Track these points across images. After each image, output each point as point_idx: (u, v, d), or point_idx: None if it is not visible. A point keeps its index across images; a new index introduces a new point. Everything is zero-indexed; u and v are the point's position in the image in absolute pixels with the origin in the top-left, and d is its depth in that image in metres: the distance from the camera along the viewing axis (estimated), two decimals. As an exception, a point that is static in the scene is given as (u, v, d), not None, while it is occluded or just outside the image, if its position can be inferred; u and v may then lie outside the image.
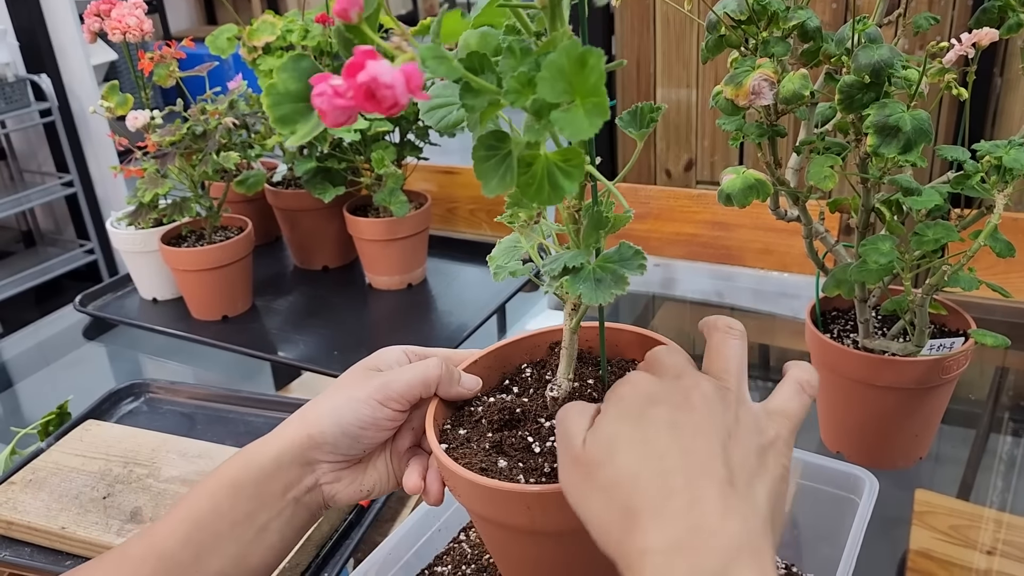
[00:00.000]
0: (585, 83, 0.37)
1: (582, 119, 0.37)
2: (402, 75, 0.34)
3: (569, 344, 0.55)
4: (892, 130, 0.63)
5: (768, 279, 1.35)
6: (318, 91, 0.35)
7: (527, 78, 0.39)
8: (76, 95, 2.93)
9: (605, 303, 0.46)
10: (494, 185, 0.40)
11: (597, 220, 0.49)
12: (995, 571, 0.78)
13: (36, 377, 1.30)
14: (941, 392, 0.83)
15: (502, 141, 0.41)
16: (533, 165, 0.41)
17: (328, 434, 0.54)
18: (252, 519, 0.53)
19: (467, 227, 1.61)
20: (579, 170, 0.41)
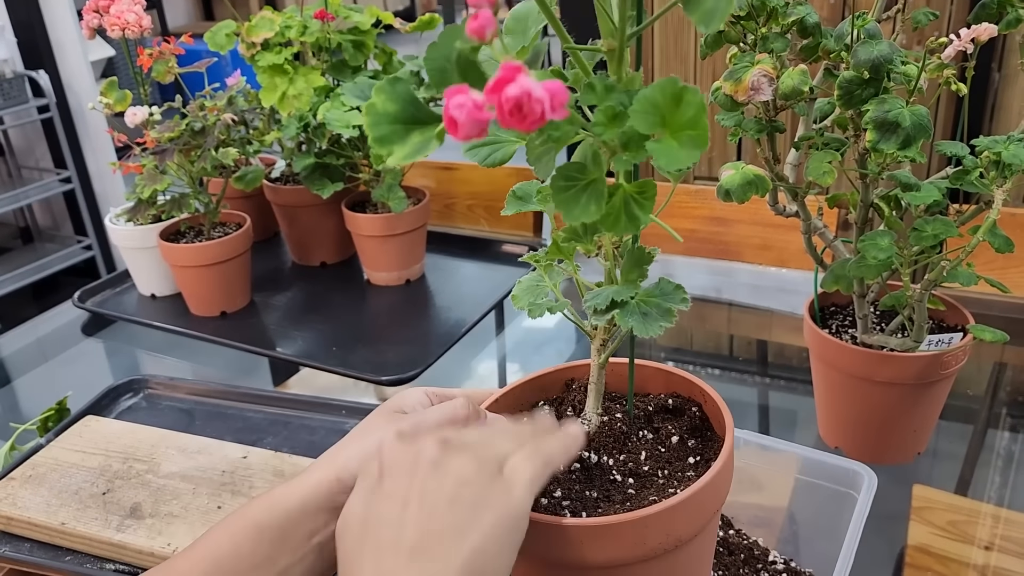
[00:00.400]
0: (681, 117, 0.39)
1: (678, 150, 0.39)
2: (550, 91, 0.34)
3: (597, 380, 0.57)
4: (891, 126, 0.63)
5: (766, 275, 1.35)
6: (456, 102, 0.35)
7: (615, 112, 0.41)
8: (74, 91, 2.93)
9: (655, 335, 0.47)
10: (578, 213, 0.42)
11: (639, 256, 0.51)
12: (993, 566, 0.78)
13: (35, 373, 1.30)
14: (939, 387, 0.83)
15: (582, 172, 0.42)
16: (613, 196, 0.42)
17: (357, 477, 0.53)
18: (273, 563, 0.52)
19: (465, 223, 1.61)
20: (651, 201, 0.42)
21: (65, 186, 2.97)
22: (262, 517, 0.53)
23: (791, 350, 1.19)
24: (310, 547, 0.53)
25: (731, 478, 0.55)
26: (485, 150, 0.45)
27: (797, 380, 1.10)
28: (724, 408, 0.56)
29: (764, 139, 0.75)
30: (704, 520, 0.52)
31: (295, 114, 1.25)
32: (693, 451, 0.57)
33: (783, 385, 1.12)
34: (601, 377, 0.57)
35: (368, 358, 1.16)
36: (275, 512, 0.53)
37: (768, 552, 0.72)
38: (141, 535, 0.78)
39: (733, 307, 1.32)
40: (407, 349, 1.17)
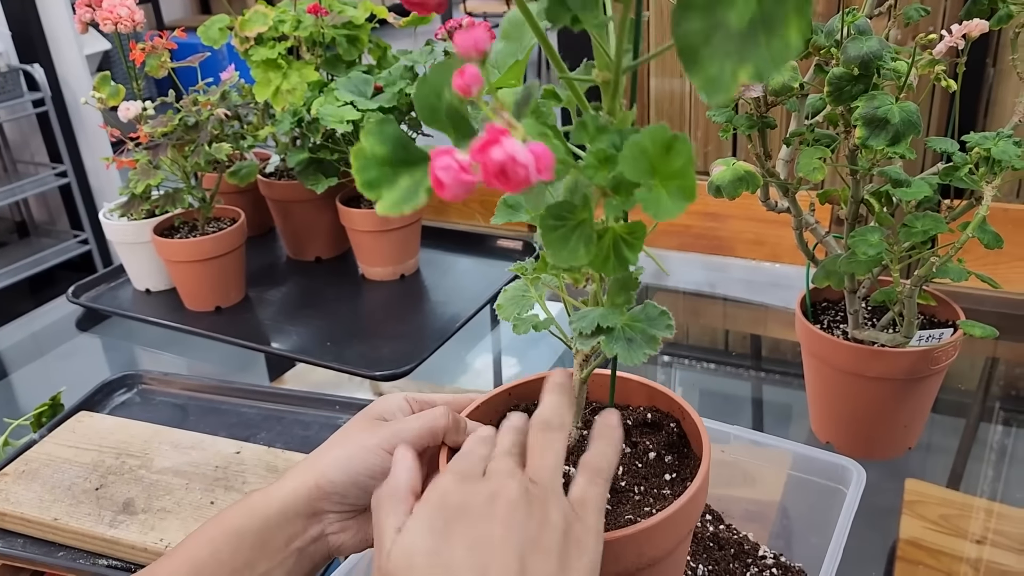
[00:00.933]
0: (670, 167, 0.38)
1: (666, 201, 0.38)
2: (532, 155, 0.34)
3: (578, 394, 0.56)
4: (880, 122, 0.63)
5: (760, 270, 1.35)
6: (441, 164, 0.35)
7: (606, 155, 0.40)
8: (69, 85, 2.92)
9: (639, 363, 0.47)
10: (565, 255, 0.41)
11: (626, 281, 0.50)
12: (985, 560, 0.78)
13: (29, 368, 1.30)
14: (930, 383, 0.83)
15: (570, 212, 0.42)
16: (603, 238, 0.42)
17: (337, 484, 0.53)
18: (252, 568, 0.52)
19: (460, 217, 1.61)
20: (641, 242, 0.42)
21: (60, 180, 2.96)
22: (241, 523, 0.53)
23: (785, 345, 1.20)
24: (289, 552, 0.53)
25: (705, 498, 0.55)
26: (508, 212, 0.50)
27: (790, 375, 1.11)
28: (702, 427, 0.56)
29: (755, 135, 0.75)
30: (678, 539, 0.52)
31: (289, 109, 1.25)
32: (670, 467, 0.57)
33: (776, 380, 1.13)
34: (583, 392, 0.57)
35: (363, 353, 1.16)
36: (254, 518, 0.53)
37: (759, 547, 0.73)
38: (134, 531, 0.78)
39: (727, 302, 1.32)
40: (402, 344, 1.17)
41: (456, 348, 1.20)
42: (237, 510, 0.54)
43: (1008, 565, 0.78)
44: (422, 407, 0.58)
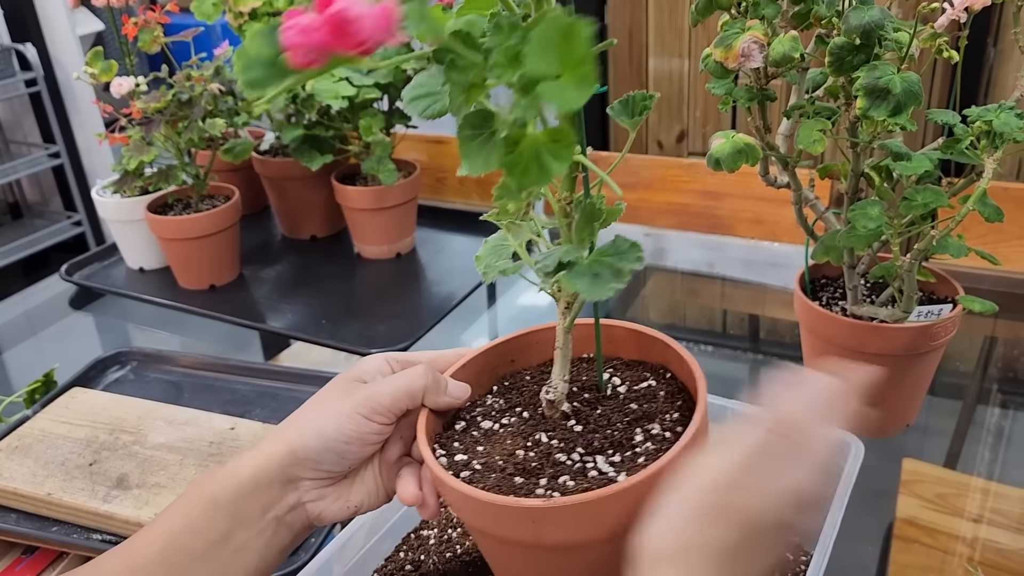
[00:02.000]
0: (572, 55, 0.37)
1: (570, 90, 0.37)
2: (374, 10, 0.33)
3: (563, 344, 0.54)
4: (882, 92, 0.63)
5: (759, 249, 1.34)
6: (288, 25, 0.34)
7: (514, 52, 0.38)
8: (62, 65, 2.90)
9: (604, 298, 0.45)
10: (479, 164, 0.40)
11: (590, 213, 0.48)
12: (981, 539, 0.78)
13: (22, 346, 1.29)
14: (929, 359, 0.83)
15: (488, 120, 0.40)
16: (520, 144, 0.40)
17: (311, 449, 0.51)
18: (229, 539, 0.51)
19: (456, 197, 1.60)
20: (568, 151, 0.40)
21: (54, 161, 2.94)
22: (215, 490, 0.51)
23: (783, 324, 1.19)
24: (266, 521, 0.52)
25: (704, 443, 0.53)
26: (424, 101, 0.44)
27: (788, 355, 1.10)
28: (697, 371, 0.54)
29: (755, 108, 0.74)
30: None
31: (283, 85, 1.23)
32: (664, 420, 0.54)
33: (774, 360, 1.12)
34: (567, 341, 0.54)
35: (358, 331, 1.15)
36: (227, 485, 0.51)
37: (755, 522, 0.72)
38: (128, 505, 0.77)
39: (725, 282, 1.32)
40: (397, 322, 1.17)
41: (452, 327, 1.19)
42: (212, 478, 0.52)
43: (1004, 543, 0.78)
44: (404, 367, 0.56)
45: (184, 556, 0.50)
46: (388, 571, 0.67)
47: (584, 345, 0.61)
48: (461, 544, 0.68)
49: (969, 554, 0.76)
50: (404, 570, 0.67)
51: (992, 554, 0.76)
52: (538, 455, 0.52)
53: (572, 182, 0.48)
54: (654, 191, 1.44)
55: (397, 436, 0.56)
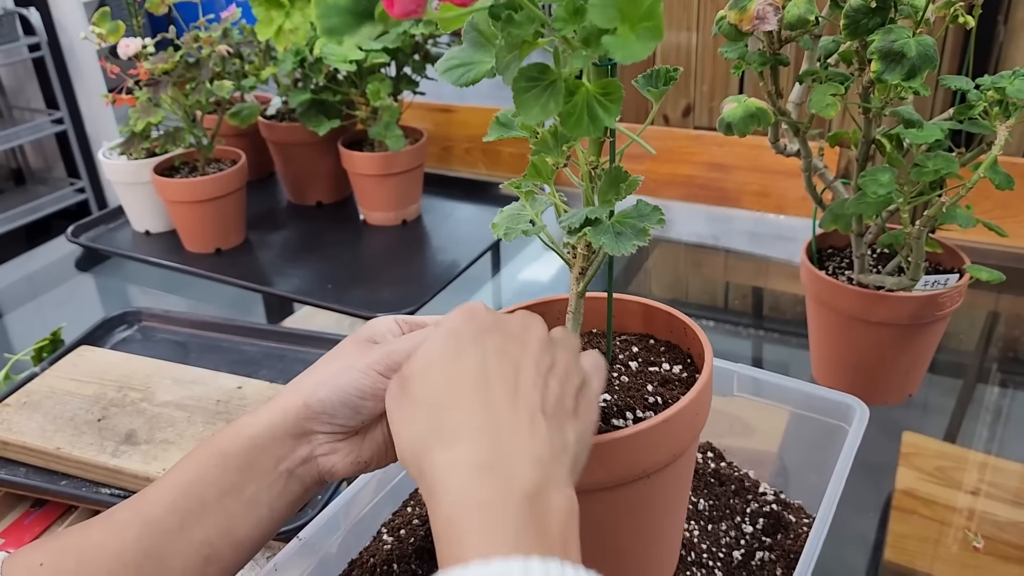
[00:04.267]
0: (637, 9, 0.38)
1: (634, 42, 0.38)
2: None
3: (575, 309, 0.55)
4: (897, 56, 0.62)
5: (765, 221, 1.34)
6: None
7: (575, 7, 0.39)
8: (65, 30, 2.88)
9: (627, 253, 0.47)
10: (536, 112, 0.41)
11: (616, 176, 0.49)
12: (979, 511, 0.79)
13: (27, 308, 1.30)
14: (934, 329, 0.83)
15: (544, 73, 0.42)
16: (575, 95, 0.41)
17: (326, 403, 0.52)
18: (240, 490, 0.51)
19: (463, 166, 1.59)
20: (617, 104, 0.42)
21: (57, 127, 2.93)
22: (227, 444, 0.52)
23: (787, 297, 1.20)
24: (277, 474, 0.52)
25: (706, 412, 0.54)
26: (459, 70, 0.45)
27: (791, 331, 1.11)
28: (705, 342, 0.56)
29: (767, 72, 0.74)
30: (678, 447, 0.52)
31: (291, 49, 1.23)
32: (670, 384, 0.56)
33: (778, 332, 1.13)
34: (579, 306, 0.55)
35: (363, 296, 1.16)
36: (240, 439, 0.52)
37: (759, 483, 0.73)
38: (136, 460, 0.78)
39: (730, 254, 1.32)
40: (402, 288, 1.17)
41: (457, 295, 1.19)
42: (226, 432, 0.53)
43: (1000, 515, 0.79)
44: (412, 329, 0.57)
45: (196, 506, 0.51)
46: (395, 525, 0.68)
47: (593, 319, 0.62)
48: (467, 500, 0.69)
49: (967, 525, 0.77)
50: (411, 524, 0.68)
51: (989, 526, 0.77)
52: None
53: (599, 146, 0.49)
54: (660, 163, 1.44)
55: None
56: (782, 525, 0.68)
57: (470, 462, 0.40)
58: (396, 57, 1.26)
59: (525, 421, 0.42)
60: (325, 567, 0.64)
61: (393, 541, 0.67)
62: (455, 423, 0.42)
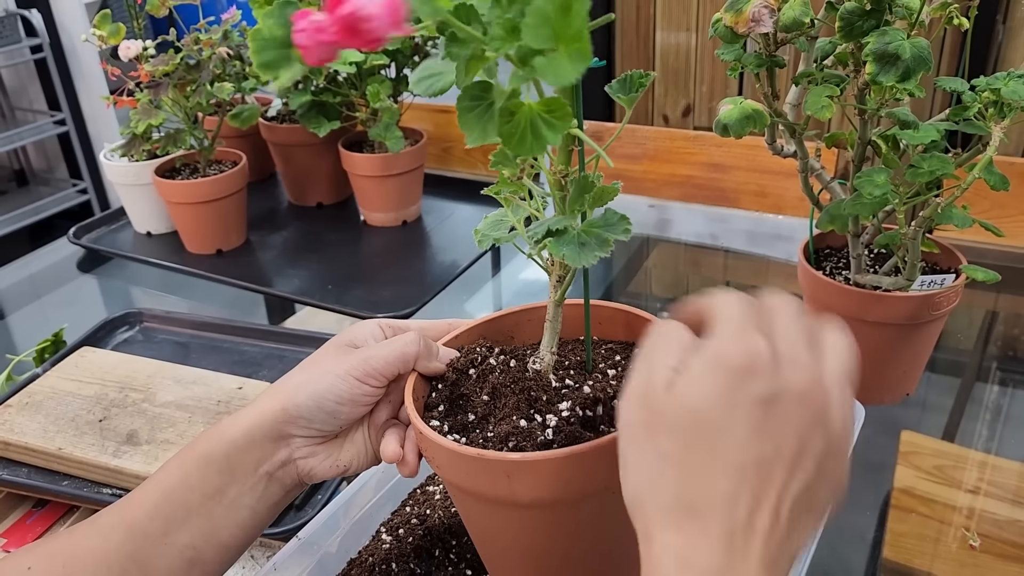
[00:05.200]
0: (568, 29, 0.37)
1: (564, 65, 0.37)
2: (384, 7, 0.34)
3: (553, 317, 0.55)
4: (891, 58, 0.63)
5: (763, 221, 1.35)
6: (299, 27, 0.35)
7: (512, 25, 0.38)
8: (67, 31, 2.89)
9: (588, 265, 0.46)
10: (476, 135, 0.40)
11: (582, 186, 0.48)
12: (978, 509, 0.79)
13: (29, 308, 1.30)
14: (931, 329, 0.83)
15: (486, 91, 0.41)
16: (516, 115, 0.40)
17: (303, 408, 0.53)
18: (223, 493, 0.52)
19: (462, 167, 1.60)
20: (563, 122, 0.40)
21: (59, 128, 2.94)
22: (209, 447, 0.53)
23: (785, 297, 1.20)
24: (258, 477, 0.53)
25: None
26: (428, 81, 0.45)
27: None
28: None
29: (763, 74, 0.74)
30: None
31: (291, 50, 1.23)
32: None
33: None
34: (557, 314, 0.55)
35: (363, 297, 1.16)
36: (222, 442, 0.53)
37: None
38: (137, 460, 0.79)
39: (729, 254, 1.32)
40: (402, 288, 1.18)
41: (456, 296, 1.20)
42: (207, 435, 0.54)
43: (999, 514, 0.79)
44: (395, 333, 0.57)
45: (179, 510, 0.52)
46: (394, 524, 0.69)
47: (576, 327, 0.61)
48: (466, 500, 0.70)
49: (965, 524, 0.77)
50: (410, 524, 0.68)
51: (988, 525, 0.77)
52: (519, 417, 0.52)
53: (568, 155, 0.49)
54: (659, 162, 1.44)
55: (387, 400, 0.57)
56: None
57: (693, 561, 0.36)
58: (396, 59, 1.27)
59: (766, 525, 0.37)
60: (324, 566, 0.65)
61: (392, 540, 0.67)
62: (695, 503, 0.37)
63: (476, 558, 0.66)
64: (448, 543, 0.67)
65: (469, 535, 0.66)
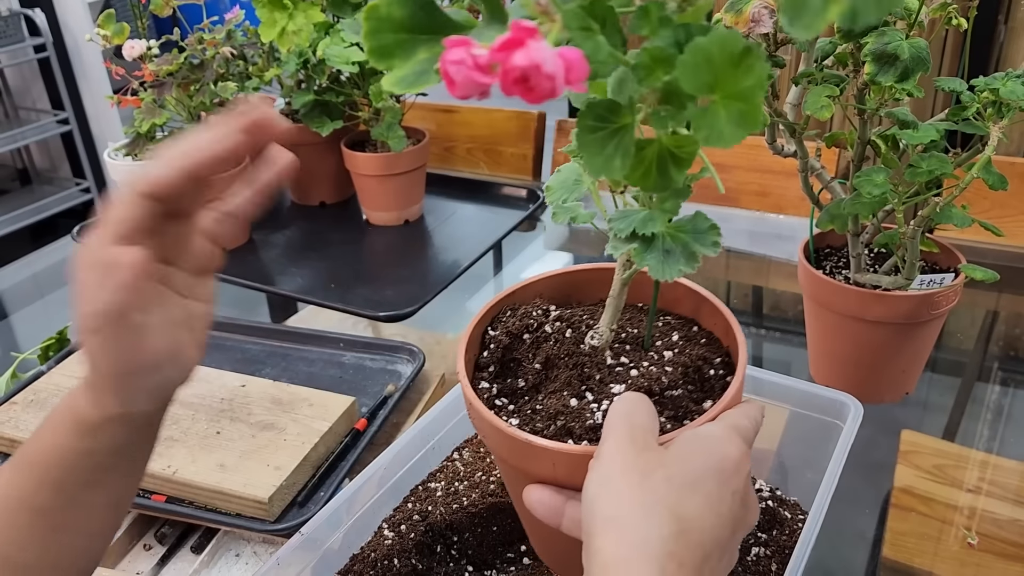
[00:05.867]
0: (736, 84, 0.32)
1: (724, 125, 0.33)
2: (563, 63, 0.30)
3: (617, 295, 0.53)
4: (890, 58, 0.63)
5: (764, 221, 1.35)
6: (453, 58, 0.31)
7: (662, 55, 0.33)
8: (71, 30, 2.89)
9: (671, 279, 0.42)
10: (599, 164, 0.36)
11: (681, 189, 0.45)
12: (979, 509, 0.79)
13: (34, 307, 1.31)
14: (930, 328, 0.84)
15: (614, 113, 0.36)
16: (645, 149, 0.37)
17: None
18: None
19: (465, 166, 1.60)
20: (691, 158, 0.37)
21: (63, 127, 2.95)
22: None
23: (786, 297, 1.20)
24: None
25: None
26: None
27: (791, 330, 1.11)
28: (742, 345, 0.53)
29: (764, 74, 0.74)
30: None
31: (294, 50, 1.24)
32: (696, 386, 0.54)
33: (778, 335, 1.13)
34: (622, 293, 0.53)
35: (366, 295, 1.17)
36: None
37: (755, 480, 0.74)
38: (141, 457, 0.79)
39: (730, 253, 1.33)
40: (405, 287, 1.18)
41: (459, 295, 1.20)
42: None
43: (1000, 513, 0.79)
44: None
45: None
46: (396, 521, 0.69)
47: (635, 291, 0.59)
48: (467, 496, 0.70)
49: (965, 523, 0.78)
50: (412, 520, 0.69)
51: (988, 524, 0.77)
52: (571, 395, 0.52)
53: None
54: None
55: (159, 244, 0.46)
56: (777, 521, 0.69)
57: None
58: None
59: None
60: (327, 562, 0.65)
61: (394, 536, 0.68)
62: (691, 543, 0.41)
63: (477, 554, 0.66)
64: (449, 539, 0.67)
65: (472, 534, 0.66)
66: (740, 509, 0.44)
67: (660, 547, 0.39)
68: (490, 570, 0.65)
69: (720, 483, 0.43)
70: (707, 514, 0.42)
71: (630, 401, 0.46)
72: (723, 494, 0.43)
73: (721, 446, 0.44)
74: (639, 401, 0.47)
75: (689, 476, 0.42)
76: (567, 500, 0.48)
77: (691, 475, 0.42)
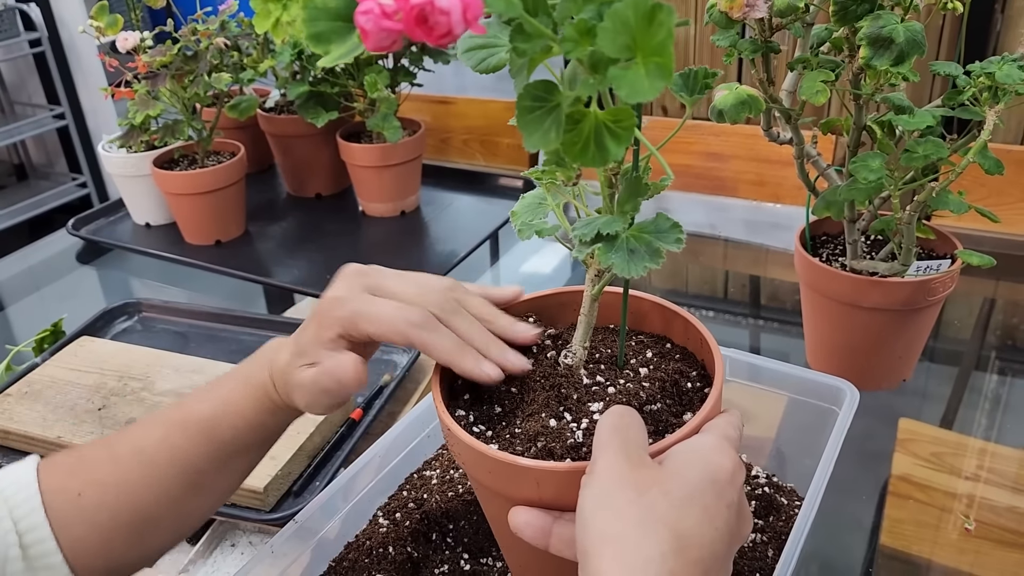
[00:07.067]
0: (650, 41, 0.34)
1: (643, 79, 0.35)
2: (460, 2, 0.32)
3: (588, 311, 0.53)
4: (885, 41, 0.63)
5: (761, 210, 1.35)
6: (364, 8, 0.33)
7: (587, 27, 0.36)
8: (66, 25, 2.88)
9: (638, 276, 0.43)
10: (537, 139, 0.38)
11: (636, 187, 0.46)
12: (977, 496, 0.79)
13: (29, 300, 1.30)
14: (927, 314, 0.84)
15: (551, 93, 0.38)
16: (581, 123, 0.38)
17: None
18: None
19: (460, 157, 1.60)
20: (628, 132, 0.38)
21: (58, 122, 2.94)
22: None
23: (784, 286, 1.20)
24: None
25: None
26: (480, 53, 0.41)
27: (789, 319, 1.11)
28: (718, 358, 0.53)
29: (759, 60, 0.74)
30: None
31: (289, 41, 1.23)
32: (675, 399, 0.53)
33: (776, 323, 1.13)
34: (593, 309, 0.53)
35: (362, 287, 1.16)
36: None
37: (751, 467, 0.74)
38: (136, 447, 0.79)
39: (728, 243, 1.32)
40: (401, 278, 1.18)
41: (455, 285, 1.20)
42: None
43: (997, 501, 0.79)
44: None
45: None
46: (391, 508, 0.69)
47: (606, 314, 0.60)
48: (463, 484, 0.70)
49: (963, 510, 0.78)
50: (407, 508, 0.68)
51: (986, 511, 0.77)
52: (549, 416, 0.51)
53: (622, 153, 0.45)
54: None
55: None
56: (774, 507, 0.69)
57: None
58: (393, 49, 1.27)
59: None
60: (322, 550, 0.65)
61: (389, 524, 0.68)
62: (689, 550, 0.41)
63: (472, 542, 0.66)
64: (445, 527, 0.67)
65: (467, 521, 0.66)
66: (736, 521, 0.44)
67: (660, 566, 0.39)
68: (486, 557, 0.65)
69: (716, 495, 0.43)
70: (705, 529, 0.42)
71: (620, 415, 0.46)
72: (719, 507, 0.43)
73: (715, 457, 0.44)
74: (629, 415, 0.46)
75: (686, 490, 0.42)
76: (555, 520, 0.47)
77: (688, 489, 0.42)
